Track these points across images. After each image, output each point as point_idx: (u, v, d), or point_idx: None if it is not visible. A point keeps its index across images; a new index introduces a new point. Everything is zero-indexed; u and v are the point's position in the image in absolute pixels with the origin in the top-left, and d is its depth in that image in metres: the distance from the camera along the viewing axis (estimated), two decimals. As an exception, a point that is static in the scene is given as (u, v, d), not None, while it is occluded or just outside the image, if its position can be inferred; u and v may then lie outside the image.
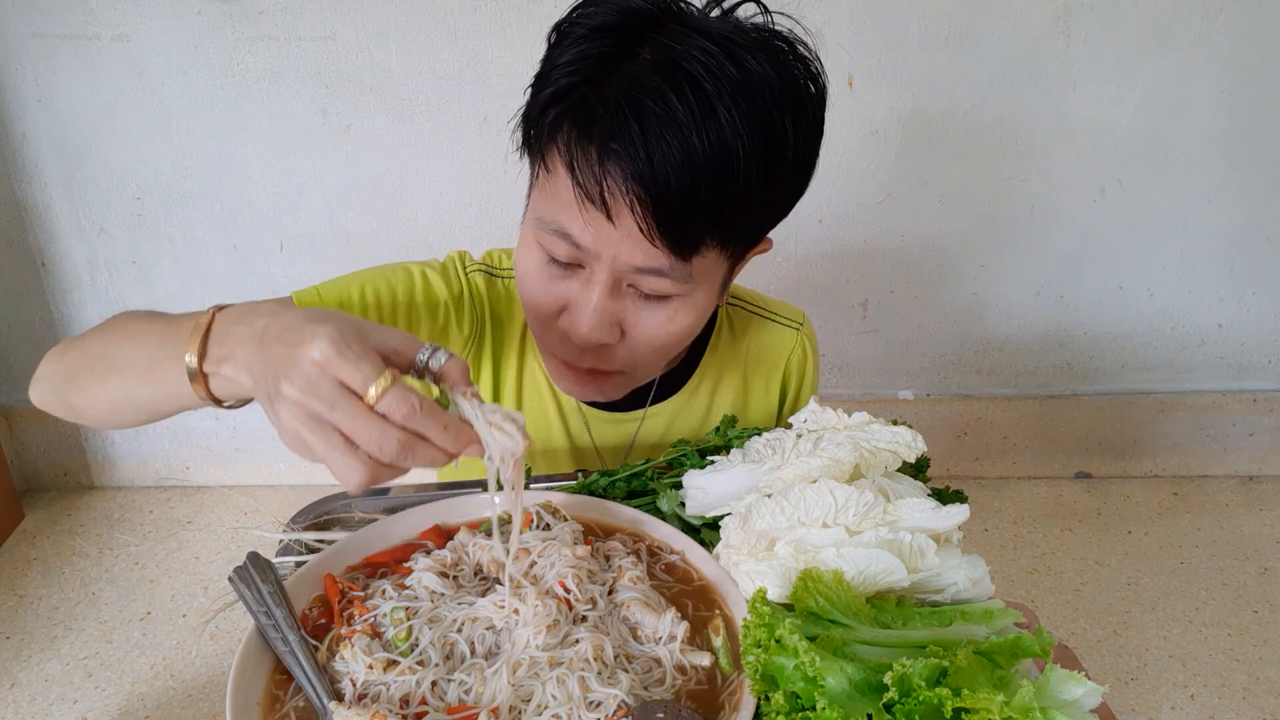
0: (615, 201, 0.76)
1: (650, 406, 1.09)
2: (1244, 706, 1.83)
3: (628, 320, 0.85)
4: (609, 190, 0.75)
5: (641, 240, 0.77)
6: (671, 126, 0.73)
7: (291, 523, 0.85)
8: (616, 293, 0.83)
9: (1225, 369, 2.43)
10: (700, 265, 0.82)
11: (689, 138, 0.73)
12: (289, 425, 0.59)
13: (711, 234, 0.79)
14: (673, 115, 0.72)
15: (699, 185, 0.74)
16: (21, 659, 1.89)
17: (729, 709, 0.64)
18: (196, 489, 2.44)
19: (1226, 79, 2.04)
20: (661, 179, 0.73)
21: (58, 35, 1.93)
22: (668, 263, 0.79)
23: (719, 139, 0.73)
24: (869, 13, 1.94)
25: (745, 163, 0.75)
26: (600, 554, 0.78)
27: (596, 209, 0.77)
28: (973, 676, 0.58)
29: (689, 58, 0.74)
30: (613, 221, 0.77)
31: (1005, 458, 2.52)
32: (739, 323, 1.13)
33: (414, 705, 0.63)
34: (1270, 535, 2.30)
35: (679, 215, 0.76)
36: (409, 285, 0.98)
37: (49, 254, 2.18)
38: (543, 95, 0.79)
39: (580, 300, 0.84)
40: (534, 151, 0.83)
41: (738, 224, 0.81)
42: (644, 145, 0.73)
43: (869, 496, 0.70)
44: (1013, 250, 2.25)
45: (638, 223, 0.76)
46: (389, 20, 1.93)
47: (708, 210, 0.76)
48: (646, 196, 0.74)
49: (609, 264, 0.80)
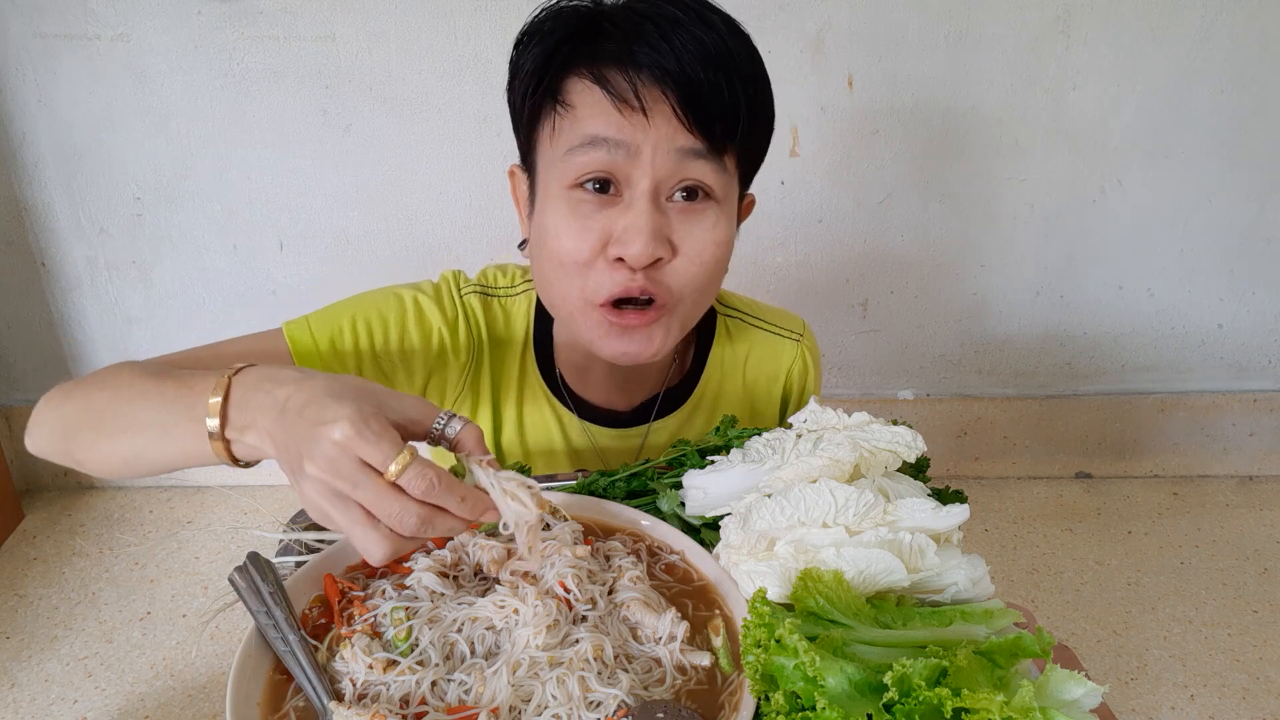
0: (650, 95, 0.81)
1: (655, 421, 1.08)
2: (1244, 706, 1.83)
3: (675, 235, 0.87)
4: (643, 85, 0.81)
5: (679, 126, 0.82)
6: (682, 29, 0.81)
7: (291, 523, 0.85)
8: (658, 204, 0.85)
9: (1225, 369, 2.43)
10: (729, 163, 0.87)
11: (700, 34, 0.81)
12: (313, 500, 0.62)
13: (732, 135, 0.85)
14: (679, 19, 0.81)
15: (716, 74, 0.82)
16: (21, 659, 1.89)
17: (729, 709, 0.64)
18: (196, 489, 2.44)
19: (1226, 79, 2.04)
20: (688, 68, 0.81)
21: (58, 35, 1.93)
22: (704, 144, 0.84)
23: (722, 40, 0.82)
24: (869, 13, 1.94)
25: (746, 64, 0.84)
26: (600, 554, 0.78)
27: (633, 109, 0.81)
28: (973, 676, 0.58)
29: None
30: (648, 116, 0.82)
31: (1005, 458, 2.52)
32: (737, 334, 1.12)
33: (414, 705, 0.63)
34: (1270, 535, 2.30)
35: (708, 103, 0.82)
36: (401, 313, 0.97)
37: (49, 254, 2.18)
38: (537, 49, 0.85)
39: (625, 223, 0.84)
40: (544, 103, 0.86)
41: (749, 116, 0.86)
42: (667, 41, 0.80)
43: (869, 496, 0.70)
44: (1013, 250, 2.25)
45: (673, 109, 0.82)
46: (389, 20, 1.93)
47: (728, 104, 0.83)
48: (676, 86, 0.81)
49: (650, 163, 0.83)
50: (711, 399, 1.11)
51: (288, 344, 0.92)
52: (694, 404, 1.09)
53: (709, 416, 1.11)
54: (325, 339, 0.93)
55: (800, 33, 1.95)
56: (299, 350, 0.92)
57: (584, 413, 1.07)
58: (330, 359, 0.93)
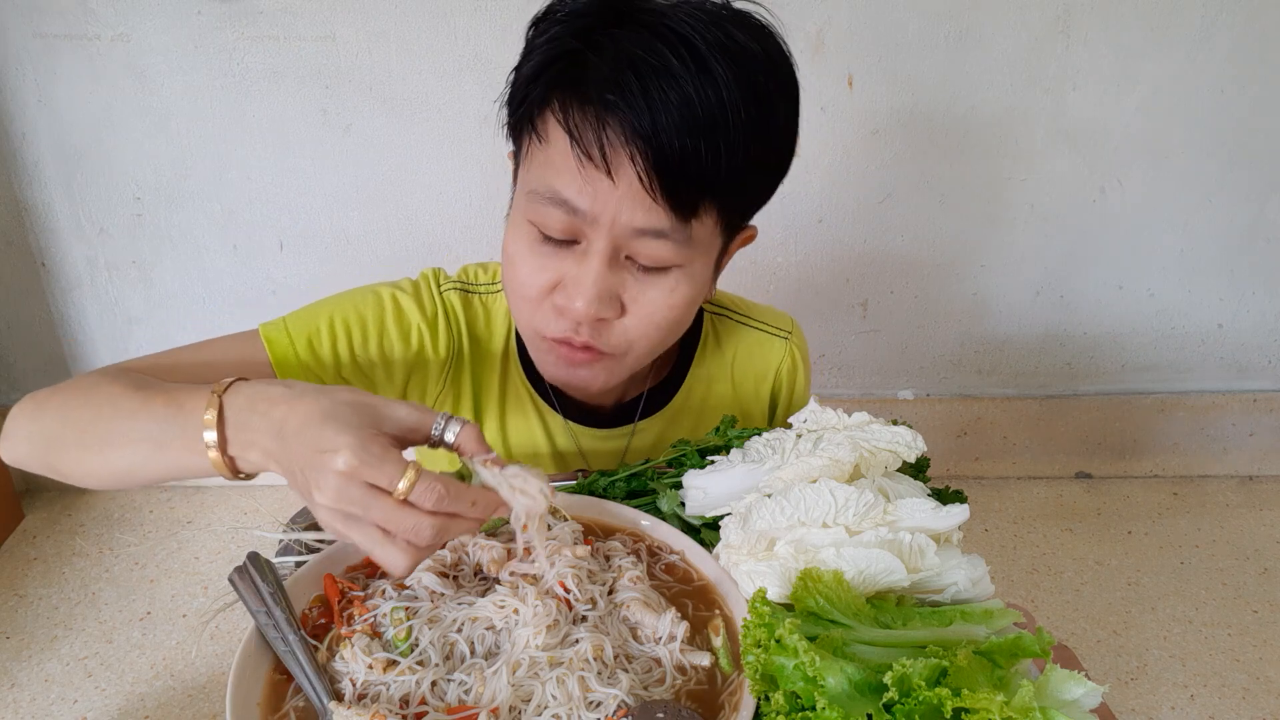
0: (616, 156, 0.74)
1: (639, 422, 1.06)
2: (1244, 706, 1.83)
3: (628, 295, 0.83)
4: (609, 144, 0.74)
5: (643, 197, 0.76)
6: (670, 81, 0.72)
7: (291, 523, 0.85)
8: (615, 263, 0.81)
9: (1225, 369, 2.43)
10: (699, 231, 0.81)
11: (686, 91, 0.72)
12: (328, 522, 0.63)
13: (710, 194, 0.78)
14: (670, 70, 0.72)
15: (699, 141, 0.74)
16: (21, 659, 1.89)
17: (729, 709, 0.64)
18: (196, 489, 2.44)
19: (1226, 79, 2.04)
20: (663, 131, 0.73)
21: (58, 35, 1.93)
22: (669, 223, 0.78)
23: (716, 97, 0.73)
24: (869, 13, 1.94)
25: (741, 124, 0.75)
26: (600, 554, 0.78)
27: (596, 167, 0.75)
28: (973, 676, 0.58)
29: (679, 21, 0.74)
30: (613, 178, 0.75)
31: (1005, 458, 2.52)
32: (725, 332, 1.10)
33: (414, 705, 0.63)
34: (1270, 535, 2.30)
35: (680, 170, 0.75)
36: (379, 311, 0.96)
37: (49, 254, 2.18)
38: (529, 67, 0.79)
39: (577, 274, 0.81)
40: (524, 125, 0.82)
41: (734, 186, 0.80)
42: (644, 97, 0.72)
43: (869, 496, 0.70)
44: (1013, 250, 2.25)
45: (639, 176, 0.75)
46: (389, 20, 1.93)
47: (707, 167, 0.75)
48: (648, 149, 0.73)
49: (608, 228, 0.78)
50: (699, 398, 1.09)
51: (265, 347, 0.90)
52: (680, 403, 1.08)
53: (696, 416, 1.09)
54: (302, 341, 0.91)
55: (800, 33, 1.95)
56: (276, 354, 0.90)
57: (567, 411, 1.05)
58: (308, 361, 0.91)
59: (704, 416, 1.09)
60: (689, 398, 1.08)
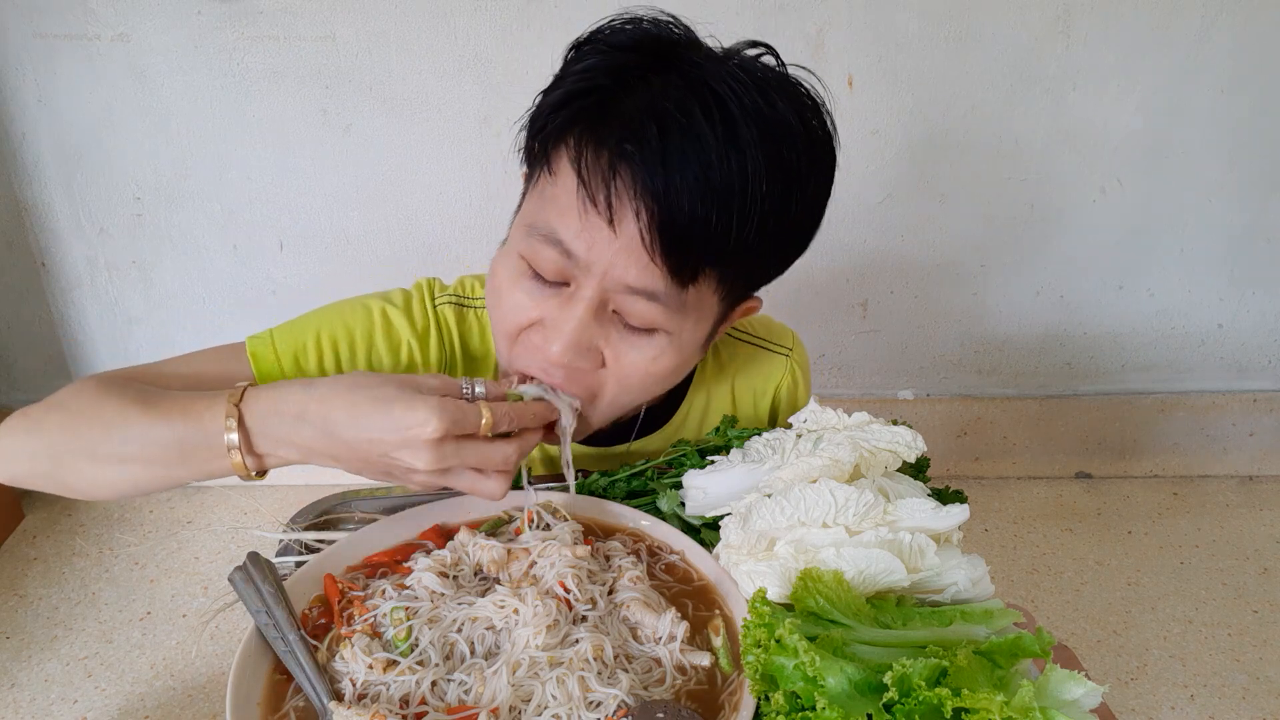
0: (621, 206, 0.71)
1: (635, 441, 1.03)
2: (1244, 706, 1.83)
3: (609, 349, 0.80)
4: (616, 193, 0.71)
5: (640, 254, 0.73)
6: (693, 142, 0.69)
7: (291, 523, 0.85)
8: (601, 315, 0.77)
9: (1225, 369, 2.43)
10: (694, 298, 0.77)
11: (709, 155, 0.69)
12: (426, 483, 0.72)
13: (713, 263, 0.75)
14: (696, 130, 0.69)
15: (711, 208, 0.70)
16: (21, 659, 1.89)
17: (729, 709, 0.64)
18: (196, 489, 2.43)
19: (1226, 79, 2.04)
20: (675, 192, 0.70)
21: (58, 35, 1.93)
22: (663, 286, 0.75)
23: (740, 166, 0.70)
24: (869, 13, 1.94)
25: (761, 197, 0.71)
26: (600, 554, 0.78)
27: (598, 213, 0.72)
28: (973, 676, 0.58)
29: (720, 78, 0.71)
30: (614, 228, 0.72)
31: (1005, 458, 2.52)
32: (725, 351, 1.08)
33: (414, 705, 0.63)
34: (1270, 535, 2.30)
35: (685, 235, 0.72)
36: (368, 325, 0.94)
37: (49, 254, 2.18)
38: (554, 95, 0.76)
39: (558, 318, 0.78)
40: (538, 153, 0.79)
41: (741, 259, 0.77)
42: (661, 153, 0.69)
43: (869, 496, 0.70)
44: (1013, 250, 2.25)
45: (640, 233, 0.72)
46: (389, 20, 1.93)
47: (715, 235, 0.72)
48: (655, 207, 0.70)
49: (599, 278, 0.75)
50: (697, 417, 1.07)
51: (250, 360, 0.89)
52: (679, 422, 1.05)
53: (695, 436, 1.07)
54: (289, 356, 0.90)
55: (800, 33, 1.95)
56: (261, 368, 0.89)
57: None
58: (294, 376, 0.90)
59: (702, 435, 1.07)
60: (687, 416, 1.06)
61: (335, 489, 0.93)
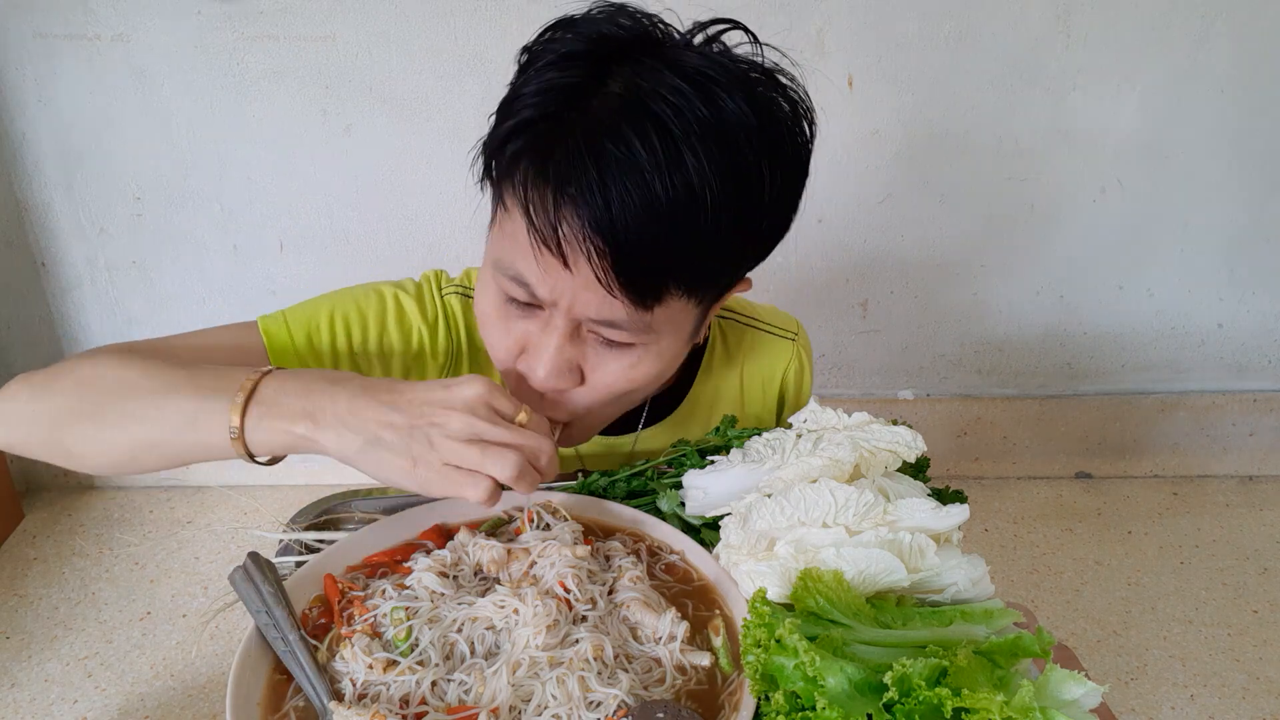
0: (572, 249, 0.71)
1: (643, 430, 1.04)
2: (1244, 706, 1.83)
3: (587, 365, 0.82)
4: (565, 237, 0.71)
5: (599, 289, 0.73)
6: (632, 172, 0.68)
7: (291, 523, 0.85)
8: (576, 338, 0.80)
9: (1225, 369, 2.43)
10: (663, 314, 0.77)
11: (651, 184, 0.68)
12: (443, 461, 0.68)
13: (676, 284, 0.75)
14: (634, 160, 0.68)
15: (661, 234, 0.70)
16: (21, 659, 1.89)
17: (729, 709, 0.64)
18: (196, 489, 2.44)
19: (1226, 79, 2.04)
20: (620, 228, 0.69)
21: (58, 35, 1.93)
22: (625, 314, 0.75)
23: (684, 185, 0.69)
24: (869, 13, 1.94)
25: (714, 210, 0.70)
26: (600, 554, 0.78)
27: (553, 255, 0.72)
28: (973, 676, 0.58)
29: (656, 96, 0.69)
30: (570, 269, 0.72)
31: (1005, 458, 2.52)
32: (733, 337, 1.09)
33: (414, 705, 0.63)
34: (1270, 535, 2.30)
35: (639, 266, 0.72)
36: (380, 309, 0.95)
37: (49, 254, 2.18)
38: (504, 127, 0.75)
39: (539, 344, 0.80)
40: (494, 185, 0.79)
41: (704, 273, 0.77)
42: (602, 191, 0.68)
43: (869, 496, 0.70)
44: (1013, 250, 2.25)
45: (595, 273, 0.71)
46: (389, 20, 1.93)
47: (671, 260, 0.72)
48: (605, 246, 0.70)
49: (565, 311, 0.77)
50: (707, 403, 1.07)
51: (262, 339, 0.90)
52: (688, 409, 1.06)
53: (704, 423, 1.07)
54: (302, 335, 0.91)
55: (800, 33, 1.95)
56: (274, 345, 0.90)
57: None
58: (306, 355, 0.91)
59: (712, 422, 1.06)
60: (696, 403, 1.06)
61: (335, 489, 0.93)
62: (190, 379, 0.74)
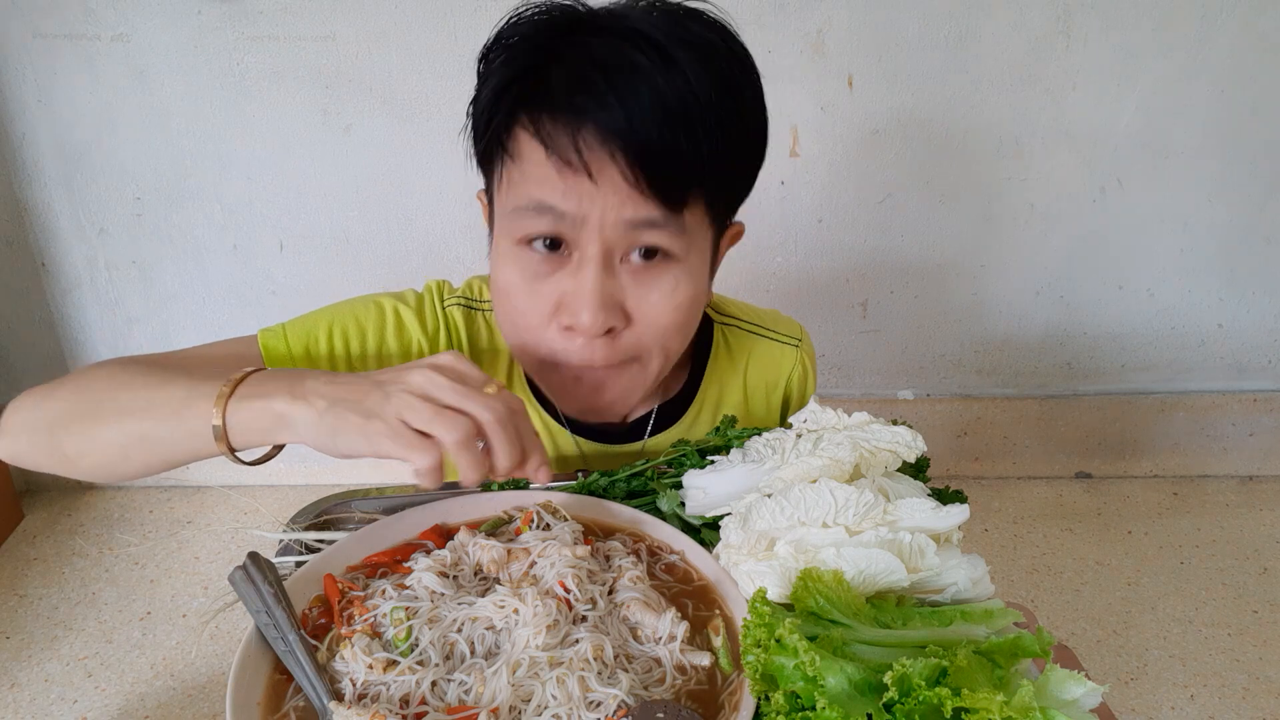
0: (595, 157, 0.74)
1: (650, 439, 1.04)
2: (1244, 706, 1.83)
3: (630, 302, 0.82)
4: (586, 147, 0.74)
5: (629, 192, 0.75)
6: (638, 76, 0.72)
7: (291, 523, 0.85)
8: (610, 269, 0.80)
9: (1225, 369, 2.43)
10: (690, 220, 0.80)
11: (657, 84, 0.72)
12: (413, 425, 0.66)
13: (698, 182, 0.78)
14: (636, 66, 0.72)
15: (676, 131, 0.74)
16: (21, 659, 1.89)
17: (729, 709, 0.64)
18: (196, 489, 2.44)
19: (1226, 79, 2.04)
20: (638, 125, 0.73)
21: (58, 35, 1.93)
22: (660, 213, 0.77)
23: (684, 84, 0.73)
24: (869, 13, 1.94)
25: (713, 110, 0.75)
26: (600, 554, 0.78)
27: (576, 171, 0.74)
28: (973, 676, 0.58)
29: (636, 20, 0.75)
30: (595, 180, 0.75)
31: (1005, 458, 2.52)
32: (736, 343, 1.09)
33: (414, 705, 0.63)
34: (1270, 535, 2.30)
35: (661, 161, 0.75)
36: (380, 322, 0.95)
37: (49, 254, 2.18)
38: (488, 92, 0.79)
39: (575, 289, 0.80)
40: (493, 149, 0.82)
41: (717, 172, 0.79)
42: (614, 95, 0.72)
43: (869, 496, 0.70)
44: (1013, 250, 2.25)
45: (622, 173, 0.74)
46: (389, 20, 1.93)
47: (688, 156, 0.75)
48: (627, 146, 0.73)
49: (598, 230, 0.77)
50: (711, 410, 1.07)
51: (261, 352, 0.90)
52: (693, 416, 1.06)
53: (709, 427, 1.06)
54: (300, 347, 0.91)
55: (800, 33, 1.95)
56: (272, 358, 0.90)
57: (576, 428, 1.03)
58: (303, 365, 0.91)
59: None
60: (701, 409, 1.06)
61: (335, 489, 0.93)
62: (185, 375, 0.75)
